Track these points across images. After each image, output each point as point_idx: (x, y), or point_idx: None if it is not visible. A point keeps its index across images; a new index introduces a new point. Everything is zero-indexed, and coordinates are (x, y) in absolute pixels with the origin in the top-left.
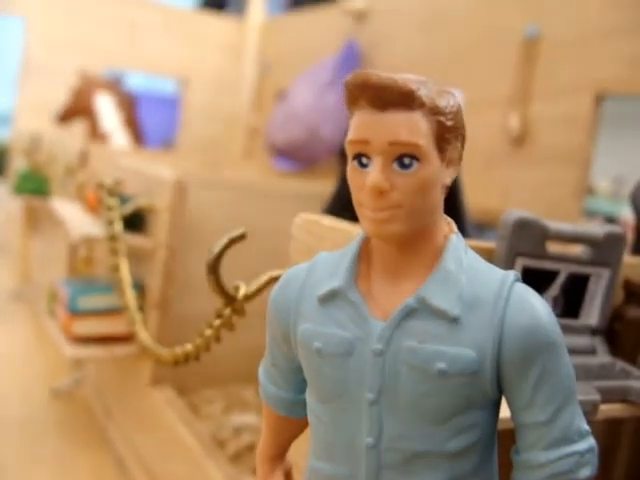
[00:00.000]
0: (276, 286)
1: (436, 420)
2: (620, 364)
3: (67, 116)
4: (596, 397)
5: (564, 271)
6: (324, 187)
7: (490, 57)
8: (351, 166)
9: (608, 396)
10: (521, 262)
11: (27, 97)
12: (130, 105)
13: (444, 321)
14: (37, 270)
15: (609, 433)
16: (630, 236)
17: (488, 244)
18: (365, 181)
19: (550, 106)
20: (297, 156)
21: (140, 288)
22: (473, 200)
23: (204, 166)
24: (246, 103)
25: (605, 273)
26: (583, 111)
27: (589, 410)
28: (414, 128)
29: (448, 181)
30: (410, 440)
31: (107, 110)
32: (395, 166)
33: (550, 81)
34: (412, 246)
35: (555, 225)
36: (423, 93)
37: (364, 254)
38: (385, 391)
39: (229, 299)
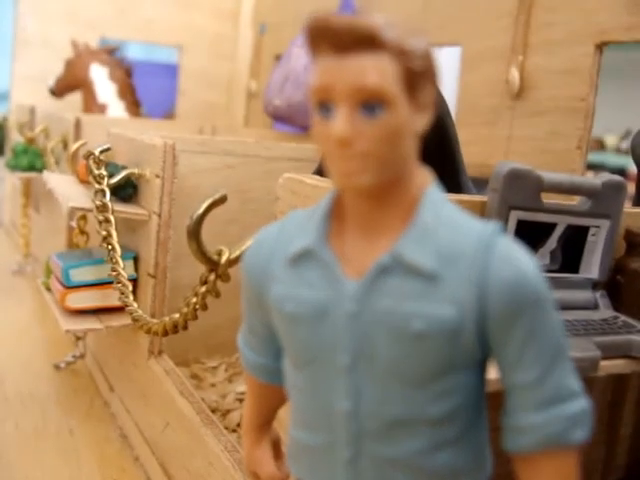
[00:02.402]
0: (248, 248)
1: (416, 383)
2: (622, 318)
3: (62, 89)
4: (596, 353)
5: (561, 223)
6: None
7: (487, 9)
8: (314, 116)
9: (610, 351)
10: (515, 215)
11: (22, 71)
12: (126, 74)
13: (421, 278)
14: (39, 245)
15: (614, 389)
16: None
17: (480, 198)
18: (330, 131)
19: (550, 57)
20: (296, 119)
21: (135, 258)
22: (475, 156)
23: (202, 133)
24: (245, 68)
25: (605, 224)
26: (584, 60)
27: (589, 367)
28: (380, 71)
29: (420, 128)
30: (390, 406)
31: (103, 80)
32: (361, 113)
33: (549, 31)
34: (385, 199)
35: (550, 176)
36: (389, 34)
37: (337, 210)
38: (361, 355)
39: (212, 264)
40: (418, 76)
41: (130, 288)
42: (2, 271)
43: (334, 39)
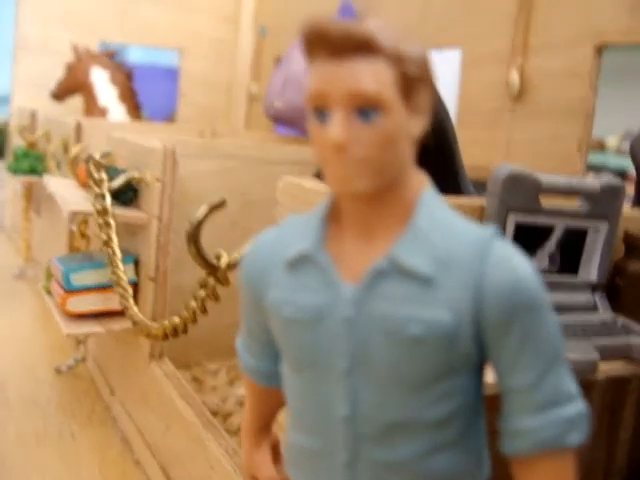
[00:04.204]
0: (246, 252)
1: (414, 387)
2: (621, 320)
3: (63, 93)
4: (595, 356)
5: (560, 226)
6: None
7: (487, 11)
8: (311, 121)
9: (610, 354)
10: (513, 218)
11: (23, 75)
12: (127, 78)
13: (417, 282)
14: (40, 248)
15: (614, 392)
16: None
17: (478, 201)
18: (326, 136)
19: (550, 59)
20: (297, 122)
21: (135, 262)
22: (475, 158)
23: (202, 136)
24: (245, 71)
25: (603, 226)
26: (584, 62)
27: (588, 369)
28: (375, 76)
29: (416, 132)
30: (387, 409)
31: (104, 84)
32: (357, 118)
33: (549, 33)
34: (382, 203)
35: (548, 178)
36: (385, 38)
37: (334, 215)
38: (359, 359)
39: (211, 268)
40: (414, 81)
41: (130, 292)
42: (3, 275)
43: (330, 44)
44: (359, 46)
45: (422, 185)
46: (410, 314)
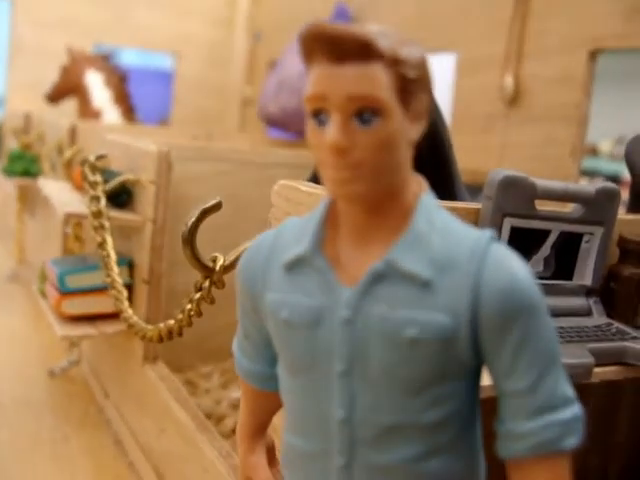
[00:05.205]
0: (244, 254)
1: (410, 391)
2: (616, 325)
3: (57, 95)
4: (590, 360)
5: (555, 230)
6: None
7: (482, 16)
8: (309, 124)
9: (604, 358)
10: (509, 222)
11: (18, 77)
12: (121, 81)
13: (415, 285)
14: (33, 250)
15: (608, 395)
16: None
17: (474, 205)
18: (324, 139)
19: (544, 64)
20: (291, 126)
21: (130, 265)
22: (469, 162)
23: (196, 139)
24: (239, 74)
25: (598, 231)
26: (578, 68)
27: (583, 373)
28: (374, 80)
29: (414, 136)
30: (383, 412)
31: (98, 87)
32: (355, 122)
33: (543, 38)
34: (379, 207)
35: (544, 183)
36: (383, 43)
37: (331, 218)
38: (356, 361)
39: (207, 271)
40: (412, 85)
41: (125, 294)
42: None
43: (329, 48)
44: (358, 50)
45: (420, 189)
46: (407, 316)
